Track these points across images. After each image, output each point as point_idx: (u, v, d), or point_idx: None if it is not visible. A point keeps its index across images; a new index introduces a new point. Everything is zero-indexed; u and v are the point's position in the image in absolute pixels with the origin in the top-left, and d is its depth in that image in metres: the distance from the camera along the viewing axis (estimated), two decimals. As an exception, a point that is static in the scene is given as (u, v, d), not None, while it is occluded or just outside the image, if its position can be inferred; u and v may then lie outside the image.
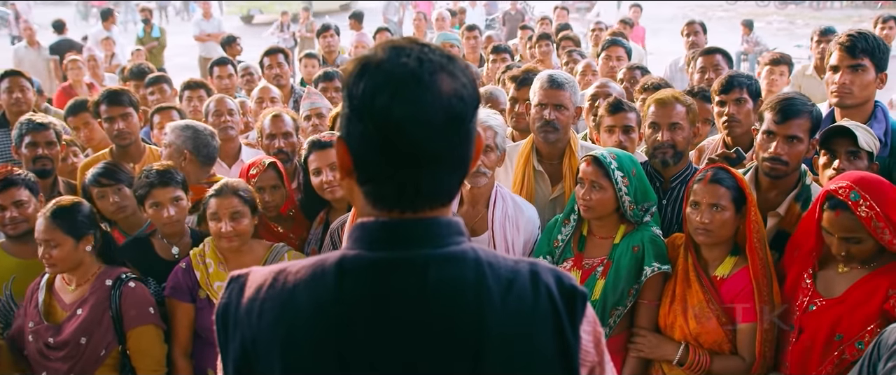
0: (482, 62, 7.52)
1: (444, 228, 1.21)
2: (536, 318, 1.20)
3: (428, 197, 1.20)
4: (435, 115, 1.14)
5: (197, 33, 12.57)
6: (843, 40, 3.22)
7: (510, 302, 1.18)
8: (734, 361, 2.71)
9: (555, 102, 3.32)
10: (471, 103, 1.19)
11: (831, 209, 2.46)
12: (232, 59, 6.93)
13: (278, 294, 1.21)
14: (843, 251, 2.46)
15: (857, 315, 2.45)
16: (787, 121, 2.81)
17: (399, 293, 1.17)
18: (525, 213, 3.09)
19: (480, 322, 1.16)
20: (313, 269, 1.21)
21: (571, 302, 1.23)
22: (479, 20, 14.65)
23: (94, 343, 2.89)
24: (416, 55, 1.15)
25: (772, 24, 22.16)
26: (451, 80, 1.16)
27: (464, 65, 1.21)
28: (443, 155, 1.18)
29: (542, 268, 1.24)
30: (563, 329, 1.21)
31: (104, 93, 4.32)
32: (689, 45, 6.77)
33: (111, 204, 3.44)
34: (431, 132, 1.14)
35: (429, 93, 1.14)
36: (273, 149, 3.95)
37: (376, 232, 1.20)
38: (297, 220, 3.66)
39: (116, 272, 3.03)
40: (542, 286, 1.22)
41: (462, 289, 1.17)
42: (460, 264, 1.19)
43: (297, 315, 1.18)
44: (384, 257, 1.18)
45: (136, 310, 2.96)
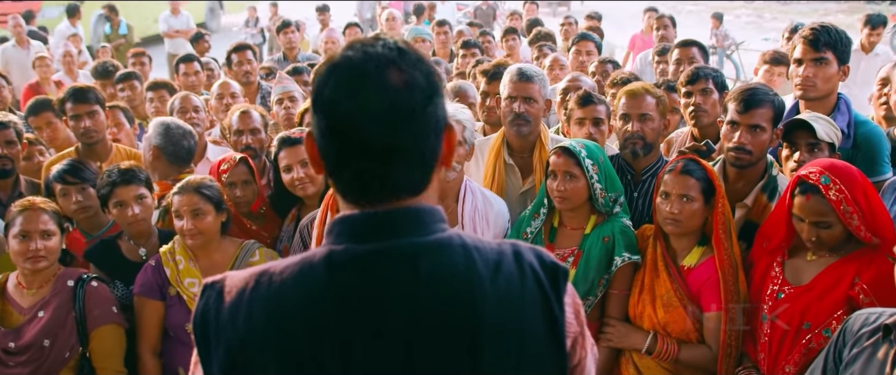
0: (453, 57, 7.51)
1: (427, 216, 1.22)
2: (525, 297, 1.23)
3: (391, 189, 1.20)
4: (380, 108, 1.15)
5: (165, 29, 12.41)
6: (806, 34, 3.26)
7: (500, 285, 1.20)
8: (701, 350, 2.74)
9: (524, 95, 3.33)
10: (421, 94, 1.18)
11: (802, 193, 2.49)
12: (198, 56, 6.85)
13: (266, 294, 1.19)
14: (813, 236, 2.49)
15: (825, 302, 2.48)
16: (750, 110, 2.84)
17: (392, 283, 1.17)
18: (495, 207, 3.09)
19: (473, 306, 1.18)
20: (300, 266, 1.20)
21: (555, 277, 1.26)
22: (451, 15, 14.64)
23: (58, 345, 2.84)
24: (362, 49, 1.18)
25: (740, 17, 22.44)
26: (399, 73, 1.17)
27: (416, 57, 1.21)
28: (397, 148, 1.18)
29: (523, 248, 1.27)
30: (551, 305, 1.25)
31: (69, 90, 4.24)
32: (658, 39, 6.82)
33: (74, 202, 3.38)
34: (380, 125, 1.16)
35: (372, 85, 1.15)
36: (241, 145, 3.92)
37: (361, 224, 1.20)
38: (269, 218, 3.63)
39: (77, 272, 2.99)
40: (527, 265, 1.24)
41: (453, 276, 1.19)
42: (448, 250, 1.20)
43: (290, 313, 1.17)
44: (373, 248, 1.18)
45: (99, 310, 2.92)
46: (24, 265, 2.86)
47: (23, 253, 2.83)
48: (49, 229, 2.88)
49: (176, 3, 12.63)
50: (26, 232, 2.84)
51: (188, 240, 3.02)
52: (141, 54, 7.30)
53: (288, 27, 7.88)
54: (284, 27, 7.91)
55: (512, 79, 3.38)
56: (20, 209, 2.88)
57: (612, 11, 9.35)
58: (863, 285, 2.42)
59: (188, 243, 3.04)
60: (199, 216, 3.00)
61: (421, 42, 7.48)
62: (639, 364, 2.84)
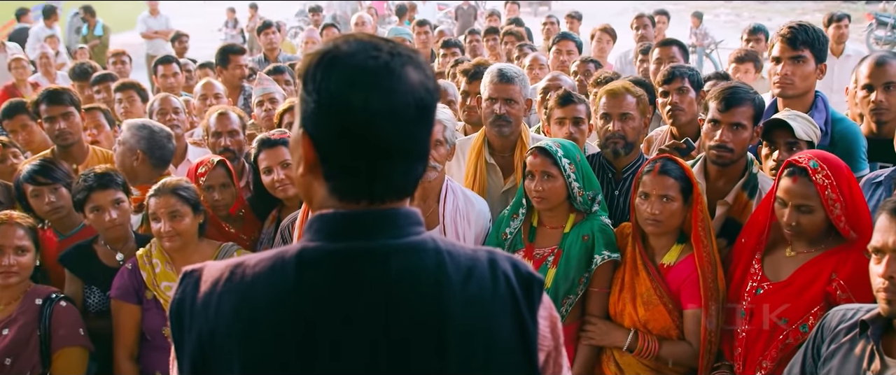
0: (433, 57, 7.51)
1: (403, 219, 1.22)
2: (496, 305, 1.22)
3: (397, 189, 1.22)
4: (407, 107, 1.16)
5: (143, 31, 12.29)
6: (785, 32, 3.29)
7: (470, 290, 1.20)
8: (681, 346, 2.75)
9: (505, 96, 3.33)
10: (435, 95, 1.22)
11: (789, 176, 2.51)
12: (177, 57, 6.80)
13: (236, 286, 1.19)
14: (794, 221, 2.50)
15: (803, 298, 2.50)
16: (731, 108, 2.86)
17: (361, 282, 1.17)
18: (476, 207, 3.09)
19: (442, 310, 1.18)
20: (272, 261, 1.20)
21: (529, 288, 1.25)
22: (431, 15, 14.64)
23: (19, 364, 2.77)
24: (386, 49, 1.17)
25: (719, 16, 22.61)
26: (417, 73, 1.18)
27: (424, 58, 1.23)
28: (411, 147, 1.20)
29: (499, 256, 1.27)
30: (522, 316, 1.24)
31: (44, 92, 4.21)
32: (638, 38, 6.85)
33: (46, 203, 3.34)
34: (402, 124, 1.17)
35: (401, 85, 1.15)
36: (219, 147, 3.88)
37: (336, 223, 1.20)
38: (248, 220, 3.60)
39: (47, 290, 2.93)
40: (501, 273, 1.24)
41: (423, 278, 1.18)
42: (421, 253, 1.20)
43: (257, 306, 1.17)
44: (345, 247, 1.18)
45: (65, 330, 2.86)
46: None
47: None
48: (23, 245, 2.84)
49: (154, 4, 12.52)
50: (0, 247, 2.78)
51: (166, 243, 2.99)
52: (121, 54, 7.23)
53: (268, 28, 7.84)
54: (265, 28, 7.87)
55: (492, 79, 3.37)
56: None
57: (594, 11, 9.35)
58: (840, 281, 2.44)
59: (166, 245, 3.01)
60: (177, 218, 2.97)
61: (401, 42, 7.46)
62: (620, 361, 2.85)
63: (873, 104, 3.37)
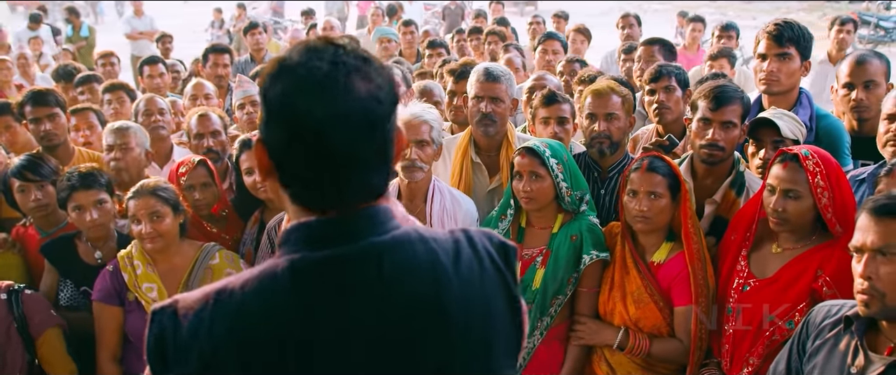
0: (419, 57, 7.50)
1: (382, 215, 1.23)
2: (485, 280, 1.26)
3: (351, 196, 1.20)
4: (351, 116, 1.15)
5: (128, 31, 12.22)
6: (771, 29, 3.31)
7: (462, 272, 1.23)
8: (672, 343, 2.76)
9: (491, 95, 3.33)
10: (388, 104, 1.20)
11: (780, 162, 2.53)
12: (163, 58, 6.75)
13: (226, 307, 1.16)
14: (780, 207, 2.50)
15: (788, 294, 2.51)
16: (721, 107, 2.88)
17: (357, 284, 1.17)
18: (463, 206, 3.09)
19: (441, 296, 1.20)
20: (261, 277, 1.18)
21: (506, 255, 1.31)
22: (418, 15, 14.64)
23: (10, 359, 2.78)
24: (329, 58, 1.16)
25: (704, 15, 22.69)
26: (365, 82, 1.16)
27: (379, 66, 1.21)
28: (361, 155, 1.18)
29: (473, 233, 1.31)
30: (508, 284, 1.30)
31: (29, 93, 4.19)
32: (624, 37, 6.87)
33: (32, 200, 3.31)
34: (348, 133, 1.15)
35: (343, 94, 1.14)
36: (202, 148, 3.87)
37: (318, 230, 1.20)
38: (231, 220, 3.59)
39: (5, 285, 2.92)
40: (481, 248, 1.29)
41: (418, 271, 1.20)
42: (409, 246, 1.22)
43: (252, 321, 1.15)
44: (334, 253, 1.18)
45: (40, 316, 2.89)
46: None
47: None
48: None
49: (138, 4, 12.44)
50: None
51: (147, 244, 2.97)
52: (109, 56, 7.18)
53: (255, 28, 7.81)
54: (251, 28, 7.83)
55: (479, 78, 3.38)
56: None
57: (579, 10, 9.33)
58: (826, 277, 2.45)
59: (147, 247, 2.98)
60: (157, 219, 2.95)
61: (387, 42, 7.46)
62: (610, 360, 2.85)
63: (854, 102, 3.40)
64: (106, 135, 3.66)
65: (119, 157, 3.60)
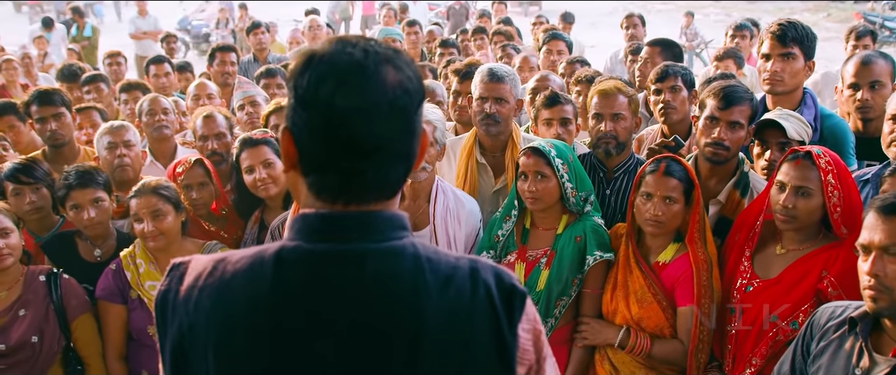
0: (423, 57, 7.51)
1: (384, 222, 1.21)
2: (474, 315, 1.20)
3: (373, 189, 1.21)
4: (379, 105, 1.15)
5: (132, 31, 12.25)
6: (774, 29, 3.30)
7: (447, 299, 1.18)
8: (674, 344, 2.75)
9: (495, 95, 3.33)
10: (416, 96, 1.20)
11: (792, 159, 2.52)
12: (169, 57, 6.77)
13: (216, 282, 1.21)
14: (790, 204, 2.49)
15: (792, 295, 2.50)
16: (730, 107, 2.87)
17: (335, 284, 1.17)
18: (466, 207, 3.09)
19: (417, 316, 1.16)
20: (252, 259, 1.21)
21: (510, 300, 1.23)
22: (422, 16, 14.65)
23: (47, 340, 2.87)
24: (361, 47, 1.17)
25: (708, 16, 22.69)
26: (396, 72, 1.17)
27: (409, 59, 1.22)
28: (387, 146, 1.18)
29: (481, 266, 1.24)
30: (501, 328, 1.21)
31: (35, 93, 4.21)
32: (628, 37, 6.87)
33: (28, 203, 3.31)
34: (375, 122, 1.16)
35: (373, 82, 1.15)
36: (206, 150, 3.87)
37: (316, 223, 1.20)
38: (231, 220, 3.60)
39: (45, 268, 3.00)
40: (481, 284, 1.22)
41: (399, 283, 1.18)
42: (398, 258, 1.19)
43: (233, 303, 1.18)
44: (323, 248, 1.19)
45: (76, 300, 2.97)
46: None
47: None
48: (5, 227, 2.85)
49: (142, 4, 12.47)
50: None
51: (150, 243, 3.00)
52: (116, 55, 7.20)
53: (258, 28, 7.82)
54: (254, 28, 7.84)
55: (483, 79, 3.38)
56: None
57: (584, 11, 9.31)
58: (831, 278, 2.44)
59: (150, 245, 3.02)
60: (159, 217, 2.98)
61: (391, 42, 7.45)
62: (613, 359, 2.84)
63: (859, 102, 3.40)
64: (104, 134, 3.65)
65: (125, 153, 3.61)
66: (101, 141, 3.66)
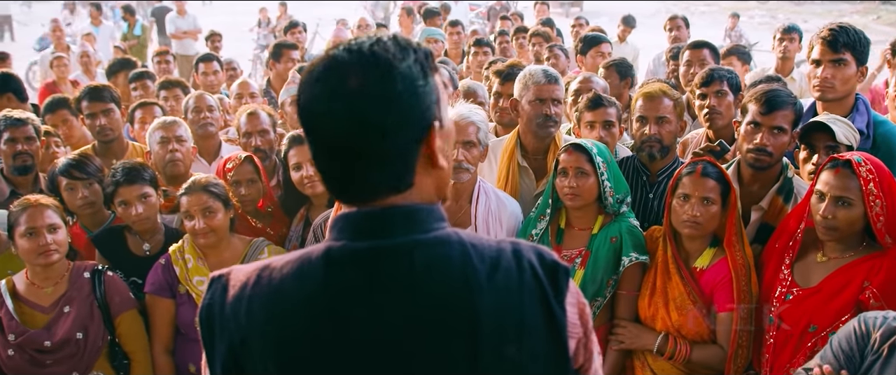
0: (463, 57, 7.50)
1: (426, 214, 1.23)
2: (524, 294, 1.22)
3: (363, 189, 1.22)
4: (337, 112, 1.16)
5: (172, 31, 12.47)
6: (825, 35, 3.23)
7: (498, 280, 1.20)
8: (714, 350, 2.73)
9: (553, 97, 3.33)
10: (380, 102, 1.17)
11: (831, 168, 2.48)
12: (217, 55, 6.87)
13: (265, 290, 1.21)
14: (830, 214, 2.45)
15: (833, 305, 2.46)
16: (773, 112, 2.83)
17: (388, 278, 1.19)
18: (508, 208, 3.09)
19: (470, 300, 1.18)
20: (299, 262, 1.22)
21: (555, 275, 1.25)
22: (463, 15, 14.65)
23: (91, 336, 2.92)
24: (330, 57, 1.20)
25: (754, 18, 22.31)
26: (357, 79, 1.16)
27: (388, 63, 1.18)
28: (356, 150, 1.18)
29: (523, 246, 1.27)
30: (550, 304, 1.23)
31: (86, 89, 4.32)
32: (671, 39, 6.79)
33: (80, 198, 3.39)
34: (339, 128, 1.17)
35: (340, 88, 1.16)
36: (250, 147, 3.92)
37: (359, 222, 1.22)
38: (276, 217, 3.65)
39: (90, 264, 3.05)
40: (526, 262, 1.24)
41: (449, 270, 1.19)
42: (445, 247, 1.21)
43: (288, 309, 1.20)
44: (371, 245, 1.20)
45: (120, 296, 3.01)
46: (37, 261, 2.87)
47: (33, 250, 2.85)
48: (54, 223, 2.90)
49: (181, 4, 12.69)
50: (33, 229, 2.85)
51: (200, 239, 3.05)
52: (165, 53, 7.35)
53: (295, 27, 7.89)
54: (291, 27, 7.91)
55: (538, 80, 3.36)
56: (22, 207, 2.90)
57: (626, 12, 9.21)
58: (873, 289, 2.40)
59: (200, 242, 3.07)
60: (210, 214, 3.02)
61: (433, 42, 7.46)
62: (653, 366, 2.83)
63: None
64: (157, 129, 3.71)
65: (177, 148, 3.67)
66: (153, 135, 3.73)
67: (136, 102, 4.81)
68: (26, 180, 3.87)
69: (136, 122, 4.54)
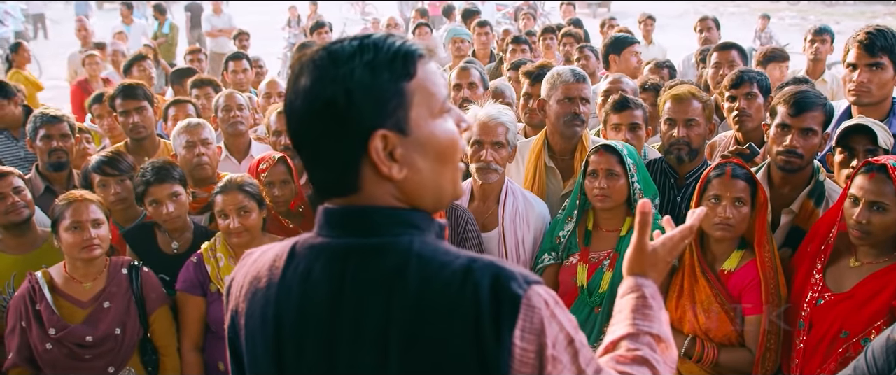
0: (493, 58, 7.48)
1: (383, 217, 1.20)
2: (453, 319, 1.13)
3: (318, 187, 1.25)
4: (292, 109, 1.19)
5: (207, 29, 12.61)
6: (862, 38, 3.18)
7: (426, 299, 1.14)
8: (741, 353, 2.71)
9: (581, 96, 3.34)
10: (311, 105, 1.16)
11: (866, 172, 2.45)
12: (247, 54, 6.94)
13: (253, 270, 1.31)
14: (864, 219, 2.42)
15: (865, 311, 2.43)
16: (802, 113, 2.80)
17: (320, 279, 1.21)
18: (535, 209, 3.09)
19: (388, 316, 1.15)
20: (278, 250, 1.30)
21: (498, 305, 1.12)
22: (490, 16, 14.64)
23: (129, 332, 2.97)
24: (307, 53, 1.21)
25: (784, 19, 22.03)
26: (304, 79, 1.17)
27: (324, 70, 1.16)
28: (312, 149, 1.20)
29: (480, 266, 1.16)
30: (483, 334, 1.12)
31: (119, 86, 4.38)
32: (701, 41, 6.73)
33: (112, 194, 3.44)
34: (296, 123, 1.20)
35: (301, 87, 1.18)
36: (280, 145, 3.95)
37: (321, 218, 1.26)
38: (307, 216, 3.66)
39: (126, 260, 3.10)
40: (471, 285, 1.13)
41: (375, 281, 1.17)
42: (384, 255, 1.18)
43: (257, 292, 1.28)
44: (320, 243, 1.24)
45: (155, 293, 3.07)
46: (80, 255, 2.91)
47: (77, 244, 2.89)
48: (98, 218, 2.95)
49: (217, 3, 12.81)
50: (78, 223, 2.89)
51: (234, 239, 3.07)
52: (197, 52, 7.43)
53: (321, 28, 7.91)
54: (318, 28, 7.93)
55: (566, 80, 3.37)
56: (67, 202, 2.94)
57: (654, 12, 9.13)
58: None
59: (234, 241, 3.09)
60: (245, 214, 3.05)
61: (460, 42, 7.45)
62: (680, 369, 2.81)
63: None
64: (181, 133, 3.73)
65: (203, 151, 3.70)
66: (178, 139, 3.74)
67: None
68: (61, 176, 3.94)
69: (170, 120, 4.60)
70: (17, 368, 2.90)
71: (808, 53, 5.74)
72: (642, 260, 1.50)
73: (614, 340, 1.37)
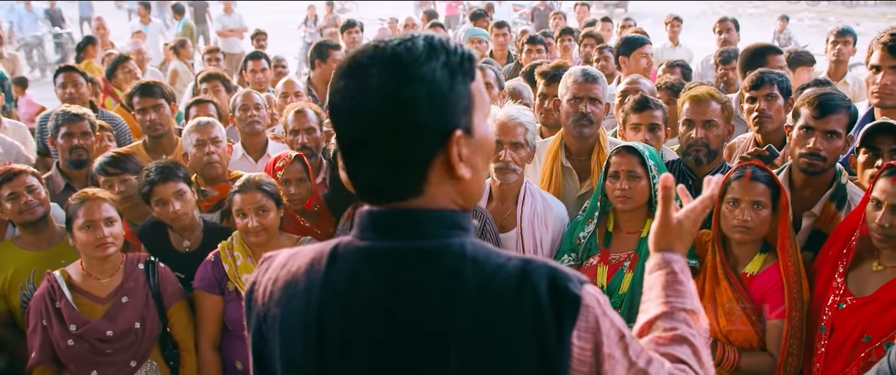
0: (510, 59, 7.47)
1: (433, 220, 1.20)
2: (514, 321, 1.14)
3: (368, 190, 1.22)
4: (343, 108, 1.17)
5: (219, 29, 12.68)
6: (886, 40, 3.15)
7: (485, 302, 1.15)
8: (763, 357, 2.68)
9: (590, 95, 3.32)
10: (409, 106, 1.14)
11: (889, 175, 2.42)
12: (266, 54, 6.96)
13: (285, 274, 1.28)
14: (887, 222, 2.40)
15: (888, 315, 2.41)
16: (826, 115, 2.77)
17: (370, 283, 1.19)
18: (554, 210, 3.09)
19: (448, 319, 1.15)
20: (315, 253, 1.27)
21: (558, 306, 1.14)
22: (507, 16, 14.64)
23: (148, 326, 3.00)
24: (358, 52, 1.19)
25: (803, 20, 21.85)
26: (390, 77, 1.14)
27: (397, 64, 1.15)
28: (357, 150, 1.19)
29: (535, 267, 1.17)
30: (546, 335, 1.13)
31: (137, 85, 4.41)
32: (721, 42, 6.69)
33: (116, 193, 3.44)
34: (361, 124, 1.16)
35: (364, 84, 1.15)
36: (297, 144, 3.95)
37: (366, 220, 1.23)
38: (322, 215, 3.67)
39: (142, 256, 3.13)
40: (529, 287, 1.14)
41: (432, 284, 1.17)
42: (438, 258, 1.18)
43: (294, 295, 1.25)
44: (368, 246, 1.21)
45: (172, 288, 3.10)
46: (94, 253, 2.94)
47: (91, 243, 2.92)
48: (111, 216, 2.98)
49: (228, 3, 12.88)
50: (91, 222, 2.92)
51: (252, 238, 3.08)
52: (215, 51, 7.47)
53: (352, 27, 7.88)
54: (349, 27, 7.90)
55: (576, 79, 3.36)
56: (80, 200, 2.97)
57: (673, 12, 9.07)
58: (933, 299, 2.34)
59: (251, 240, 3.10)
60: (263, 213, 3.06)
61: (477, 43, 7.44)
62: (700, 372, 2.79)
63: None
64: (192, 132, 3.74)
65: (213, 150, 3.71)
66: (188, 138, 3.76)
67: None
68: (81, 174, 3.97)
69: (191, 119, 4.62)
70: (41, 366, 2.93)
71: (830, 55, 5.67)
72: (668, 234, 1.51)
73: (650, 320, 1.39)
